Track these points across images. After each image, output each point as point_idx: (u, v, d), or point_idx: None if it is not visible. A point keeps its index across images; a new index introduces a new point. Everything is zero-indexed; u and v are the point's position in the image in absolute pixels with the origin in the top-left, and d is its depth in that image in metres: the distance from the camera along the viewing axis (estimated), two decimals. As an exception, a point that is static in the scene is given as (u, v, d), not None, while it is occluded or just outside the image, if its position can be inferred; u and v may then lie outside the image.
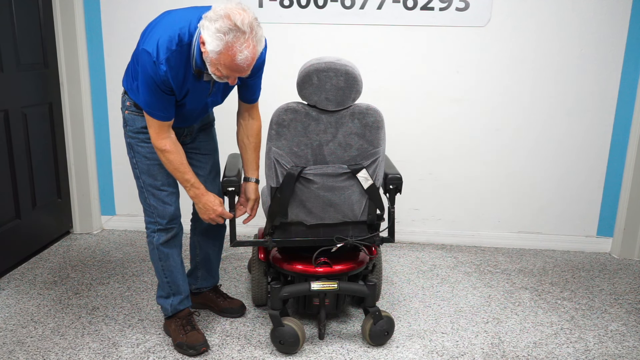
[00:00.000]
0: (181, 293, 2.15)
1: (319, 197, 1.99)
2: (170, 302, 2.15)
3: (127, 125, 2.03)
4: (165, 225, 2.08)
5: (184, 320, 2.14)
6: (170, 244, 2.11)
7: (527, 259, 3.06)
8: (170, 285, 2.14)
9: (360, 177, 1.98)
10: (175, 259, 2.14)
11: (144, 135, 2.00)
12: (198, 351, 2.06)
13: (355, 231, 2.10)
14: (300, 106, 1.93)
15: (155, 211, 2.07)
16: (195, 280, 2.36)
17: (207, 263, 2.34)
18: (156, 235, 2.09)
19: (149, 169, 2.03)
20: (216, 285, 2.42)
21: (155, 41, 1.77)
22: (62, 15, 3.00)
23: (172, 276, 2.13)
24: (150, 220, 2.10)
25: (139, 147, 2.02)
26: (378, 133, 1.96)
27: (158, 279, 2.16)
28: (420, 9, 2.92)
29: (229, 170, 2.13)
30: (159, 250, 2.10)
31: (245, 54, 1.68)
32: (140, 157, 2.03)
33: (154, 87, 1.80)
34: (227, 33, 1.65)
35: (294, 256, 2.14)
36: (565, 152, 3.08)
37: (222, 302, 2.37)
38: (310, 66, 1.91)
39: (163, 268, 2.12)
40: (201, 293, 2.38)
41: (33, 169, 2.90)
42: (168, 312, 2.16)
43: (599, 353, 2.14)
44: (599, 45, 2.92)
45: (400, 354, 2.10)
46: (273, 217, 2.04)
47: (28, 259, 2.90)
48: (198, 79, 1.86)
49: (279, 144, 1.94)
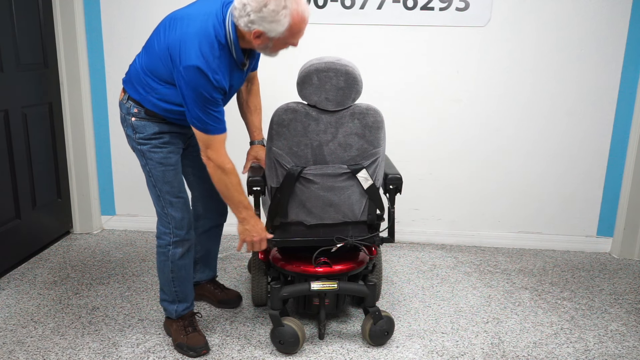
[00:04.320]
0: (188, 301, 2.13)
1: (319, 197, 1.99)
2: (175, 308, 2.11)
3: (136, 133, 1.95)
4: (183, 236, 2.02)
5: (186, 321, 2.12)
6: (185, 256, 2.06)
7: (527, 259, 3.06)
8: (177, 293, 2.10)
9: (360, 177, 1.98)
10: (188, 270, 2.10)
11: (157, 141, 1.94)
12: (199, 353, 2.05)
13: (355, 231, 2.09)
14: (300, 106, 1.93)
15: (173, 221, 2.00)
16: (194, 273, 2.35)
17: (207, 258, 2.39)
18: (172, 248, 2.02)
19: (164, 176, 1.96)
20: (214, 277, 2.46)
21: (199, 53, 1.70)
22: (62, 15, 3.00)
23: (181, 286, 2.09)
24: (165, 231, 2.02)
25: (152, 154, 1.95)
26: (378, 133, 1.96)
27: (164, 285, 2.11)
28: (420, 9, 2.92)
29: (253, 170, 2.14)
30: (174, 264, 2.04)
31: (304, 6, 1.74)
32: (154, 164, 1.95)
33: (212, 100, 1.76)
34: (285, 7, 1.68)
35: (294, 256, 2.14)
36: (565, 152, 3.08)
37: (219, 293, 2.41)
38: (311, 66, 1.91)
39: (173, 279, 2.07)
40: (199, 285, 2.41)
41: (33, 169, 2.90)
42: (172, 315, 2.13)
43: (599, 353, 2.14)
44: (599, 45, 2.92)
45: (400, 354, 2.10)
46: (273, 217, 2.04)
47: (28, 259, 2.90)
48: (242, 69, 1.89)
49: (279, 143, 1.94)
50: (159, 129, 1.94)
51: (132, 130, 1.96)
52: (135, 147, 1.99)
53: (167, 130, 1.96)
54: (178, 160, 2.01)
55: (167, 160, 1.96)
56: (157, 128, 1.94)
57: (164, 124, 1.95)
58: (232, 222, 3.41)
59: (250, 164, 2.22)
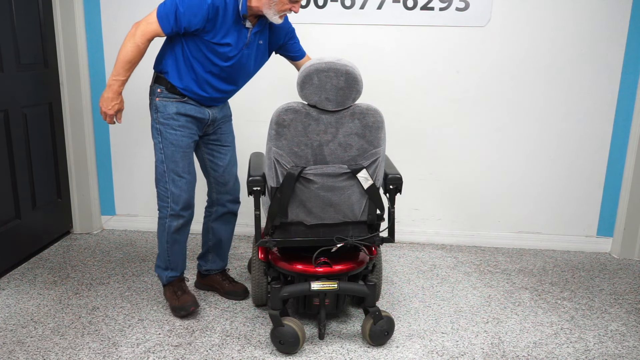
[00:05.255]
0: (177, 270, 2.39)
1: (319, 197, 1.99)
2: (166, 275, 2.38)
3: (158, 112, 2.20)
4: (178, 211, 2.25)
5: (175, 286, 2.38)
6: (180, 231, 2.30)
7: (527, 259, 3.06)
8: (170, 262, 2.36)
9: (360, 177, 1.98)
10: (182, 246, 2.35)
11: (174, 122, 2.18)
12: (187, 311, 2.29)
13: (355, 231, 2.10)
14: (301, 106, 1.93)
15: (172, 196, 2.23)
16: (205, 263, 2.53)
17: (219, 248, 2.50)
18: (168, 220, 2.27)
19: (173, 155, 2.20)
20: (224, 268, 2.57)
21: None
22: (62, 15, 3.00)
23: (174, 257, 2.35)
24: (163, 205, 2.26)
25: (168, 134, 2.19)
26: (378, 133, 1.96)
27: (161, 252, 2.35)
28: (420, 9, 2.92)
29: (254, 170, 2.14)
30: (169, 236, 2.29)
31: None
32: (167, 143, 2.20)
33: (195, 2, 2.00)
34: None
35: (294, 256, 2.14)
36: (565, 152, 3.08)
37: (227, 285, 2.52)
38: (311, 66, 1.91)
39: (168, 249, 2.33)
40: (209, 275, 2.54)
41: (33, 169, 2.90)
42: (163, 280, 2.40)
43: (599, 353, 2.14)
44: (599, 45, 2.92)
45: (400, 354, 2.10)
46: (273, 217, 2.04)
47: (28, 259, 2.91)
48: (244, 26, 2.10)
49: (279, 143, 1.94)
50: (177, 109, 2.18)
51: (155, 110, 2.21)
52: (154, 126, 2.23)
53: (184, 112, 2.19)
54: (189, 145, 2.23)
55: (179, 142, 2.20)
56: (175, 109, 2.17)
57: (182, 103, 2.19)
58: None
59: None
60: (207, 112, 2.25)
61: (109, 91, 2.13)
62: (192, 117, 2.21)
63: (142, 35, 2.06)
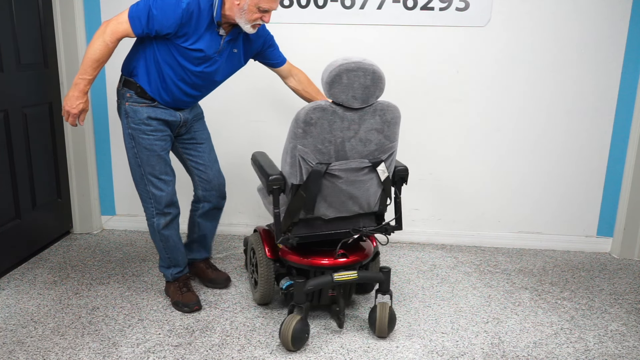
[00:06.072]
0: (180, 265, 2.43)
1: (342, 191, 2.06)
2: (171, 272, 2.42)
3: (128, 117, 2.19)
4: (162, 209, 2.29)
5: (181, 283, 2.42)
6: (169, 227, 2.33)
7: (527, 259, 3.06)
8: (170, 259, 2.40)
9: (379, 170, 2.08)
10: (175, 240, 2.37)
11: (146, 127, 2.17)
12: (191, 309, 2.35)
13: (365, 222, 2.20)
14: (327, 104, 1.97)
15: (154, 197, 2.27)
16: (189, 252, 2.59)
17: (203, 239, 2.57)
18: (155, 219, 2.30)
19: (149, 159, 2.21)
20: (207, 257, 2.64)
21: None
22: (62, 15, 3.00)
23: (172, 253, 2.39)
24: (147, 206, 2.31)
25: (141, 139, 2.19)
26: (395, 128, 2.06)
27: (160, 252, 2.40)
28: (420, 9, 2.92)
29: (270, 169, 2.16)
30: (160, 234, 2.33)
31: None
32: (141, 148, 2.20)
33: (169, 6, 1.98)
34: None
35: (309, 251, 2.21)
36: (565, 152, 3.08)
37: (210, 273, 2.59)
38: (341, 66, 1.95)
39: (164, 247, 2.37)
40: (193, 263, 2.61)
41: (33, 169, 2.90)
42: (169, 278, 2.44)
43: (599, 353, 2.14)
44: (599, 45, 2.92)
45: (400, 354, 2.10)
46: (293, 214, 2.07)
47: (28, 259, 2.90)
48: (217, 29, 2.08)
49: (304, 141, 1.97)
50: (147, 114, 2.17)
51: (125, 115, 2.20)
52: (125, 131, 2.22)
53: (155, 117, 2.18)
54: (164, 147, 2.24)
55: (153, 146, 2.20)
56: (146, 114, 2.17)
57: (152, 108, 2.18)
58: (233, 222, 3.42)
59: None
60: (178, 114, 2.25)
61: (74, 90, 2.10)
62: (164, 121, 2.21)
63: (111, 34, 2.03)
